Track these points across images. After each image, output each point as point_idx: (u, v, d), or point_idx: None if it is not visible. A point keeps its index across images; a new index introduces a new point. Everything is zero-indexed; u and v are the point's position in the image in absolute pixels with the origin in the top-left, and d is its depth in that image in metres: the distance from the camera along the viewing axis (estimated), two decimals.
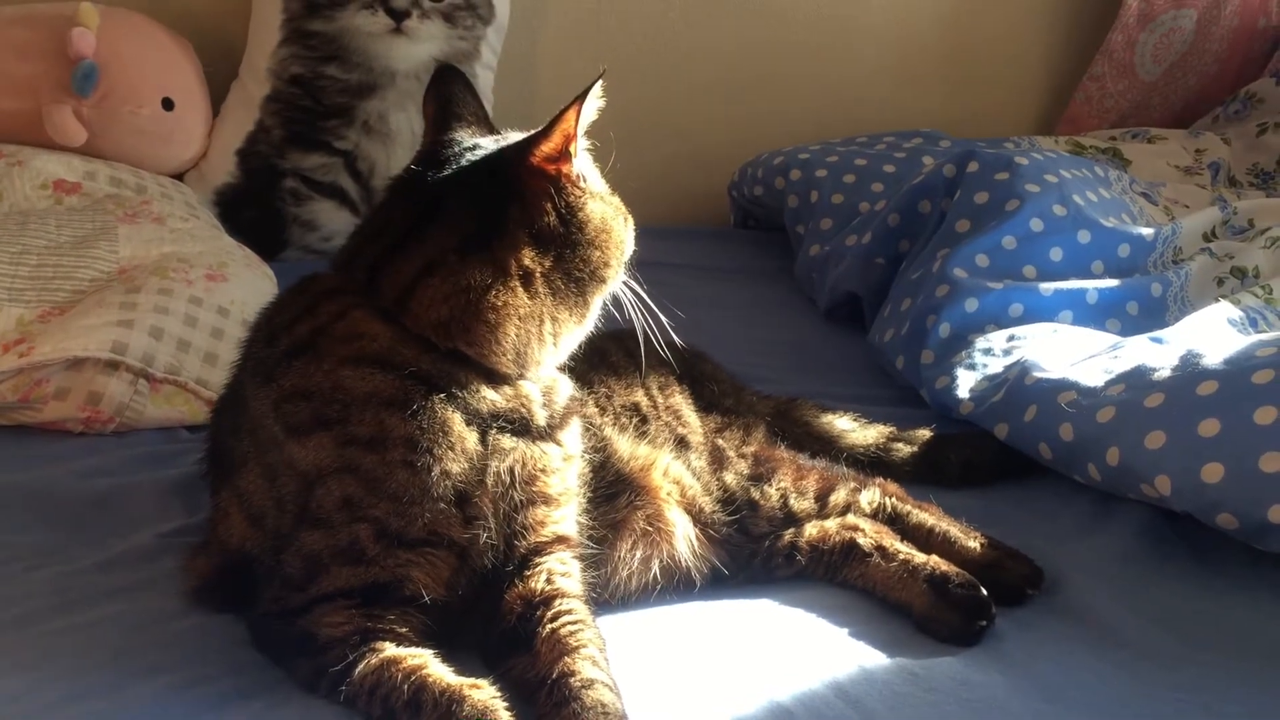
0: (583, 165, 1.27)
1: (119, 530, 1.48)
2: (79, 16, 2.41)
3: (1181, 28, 3.20)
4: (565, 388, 1.31)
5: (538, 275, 1.23)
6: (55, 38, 2.40)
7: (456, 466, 1.17)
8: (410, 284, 1.21)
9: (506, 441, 1.21)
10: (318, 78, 2.61)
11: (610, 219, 1.29)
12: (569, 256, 1.25)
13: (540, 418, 1.25)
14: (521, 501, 1.22)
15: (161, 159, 2.55)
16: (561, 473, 1.26)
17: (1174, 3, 3.18)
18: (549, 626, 1.16)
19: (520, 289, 1.22)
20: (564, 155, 1.23)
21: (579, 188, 1.26)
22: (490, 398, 1.21)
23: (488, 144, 1.29)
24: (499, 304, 1.20)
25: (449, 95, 1.35)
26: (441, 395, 1.18)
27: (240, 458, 1.27)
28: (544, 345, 1.25)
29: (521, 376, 1.25)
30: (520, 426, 1.23)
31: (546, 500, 1.24)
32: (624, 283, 1.32)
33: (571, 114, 1.21)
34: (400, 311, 1.21)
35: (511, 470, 1.21)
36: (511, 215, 1.22)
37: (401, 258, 1.22)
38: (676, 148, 3.19)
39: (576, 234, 1.25)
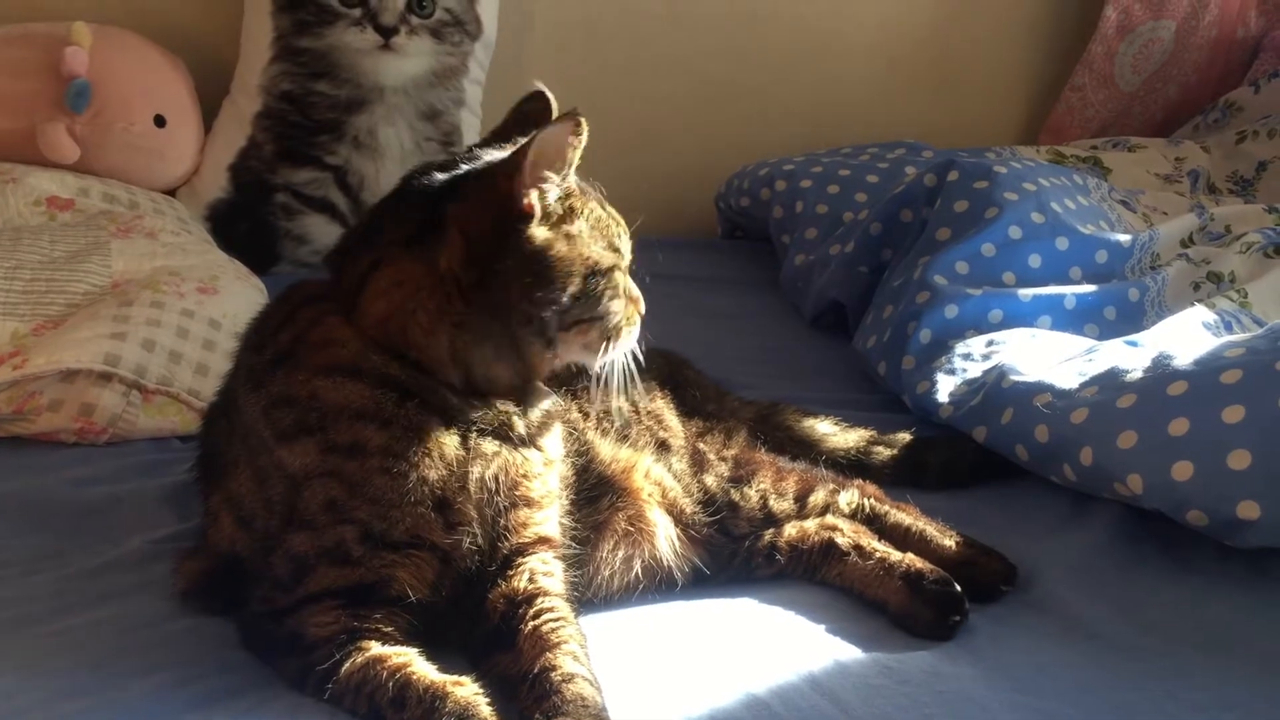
0: (566, 205, 1.23)
1: (112, 537, 1.51)
2: (72, 35, 2.44)
3: (1160, 38, 3.24)
4: (544, 400, 1.31)
5: (468, 282, 1.20)
6: (48, 56, 2.43)
7: (434, 473, 1.19)
8: (360, 280, 1.24)
9: (488, 445, 1.23)
10: (308, 94, 2.65)
11: (561, 254, 1.22)
12: (501, 273, 1.20)
13: (519, 427, 1.26)
14: (505, 506, 1.24)
15: (154, 175, 2.58)
16: (543, 477, 1.29)
17: (1153, 14, 3.22)
18: (531, 624, 1.19)
19: (454, 293, 1.20)
20: (518, 174, 1.18)
21: (529, 206, 1.20)
22: (464, 405, 1.22)
23: (490, 154, 1.26)
24: (430, 305, 1.20)
25: (522, 114, 1.34)
26: (415, 401, 1.20)
27: (231, 461, 1.30)
28: (495, 367, 1.23)
29: (481, 395, 1.24)
30: (500, 432, 1.25)
31: (529, 503, 1.27)
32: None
33: (533, 143, 1.17)
34: (353, 309, 1.23)
35: (496, 477, 1.23)
36: (451, 213, 1.21)
37: (359, 254, 1.25)
38: (664, 160, 3.22)
39: (512, 253, 1.20)
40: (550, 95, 1.34)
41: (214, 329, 1.95)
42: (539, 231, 1.21)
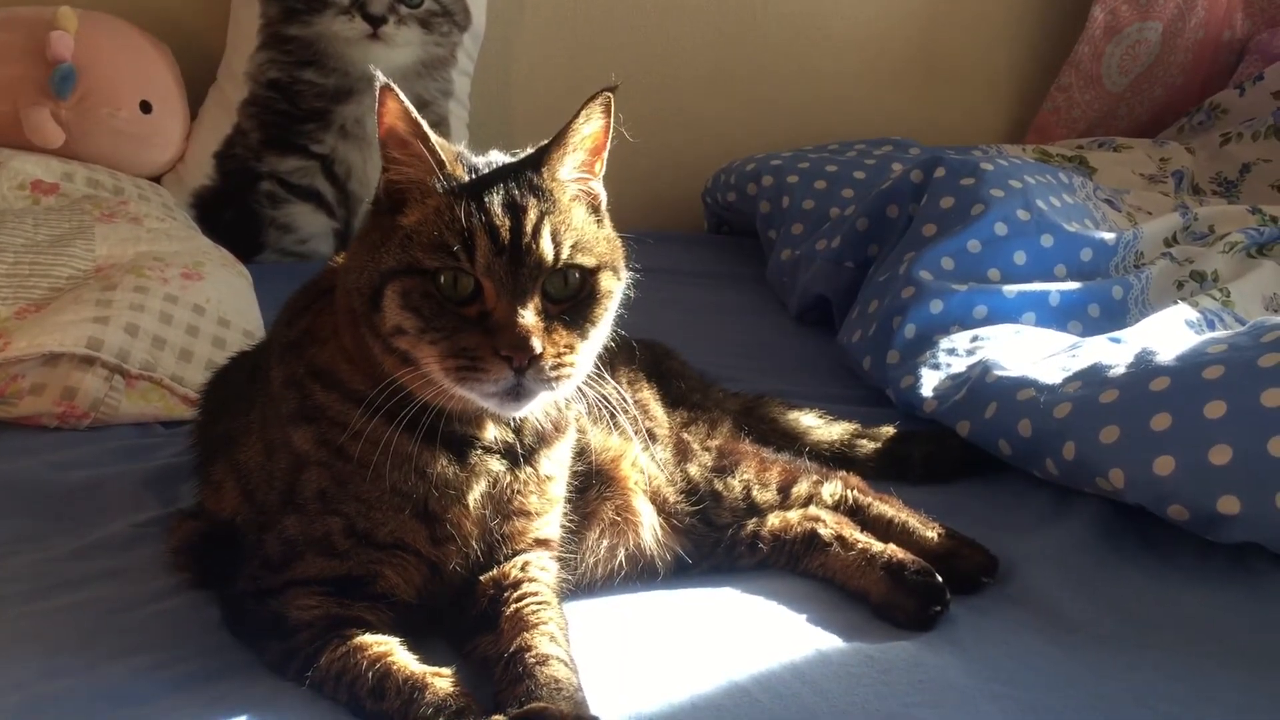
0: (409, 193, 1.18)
1: (94, 520, 1.50)
2: (58, 20, 2.43)
3: (1147, 40, 3.26)
4: (538, 412, 1.26)
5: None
6: (34, 40, 2.42)
7: (413, 490, 1.19)
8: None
9: (495, 464, 1.23)
10: (295, 82, 2.64)
11: (371, 240, 1.17)
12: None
13: (515, 445, 1.24)
14: (501, 520, 1.24)
15: (139, 161, 2.58)
16: (539, 493, 1.28)
17: (1140, 15, 3.24)
18: (513, 606, 1.19)
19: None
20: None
21: (379, 185, 1.21)
22: (440, 421, 1.18)
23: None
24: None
25: None
26: (382, 417, 1.16)
27: (244, 428, 1.31)
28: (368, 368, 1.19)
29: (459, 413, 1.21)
30: (504, 450, 1.24)
31: (525, 514, 1.27)
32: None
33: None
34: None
35: (492, 495, 1.23)
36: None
37: None
38: (651, 154, 3.21)
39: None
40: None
41: (198, 314, 1.94)
42: (370, 214, 1.22)
